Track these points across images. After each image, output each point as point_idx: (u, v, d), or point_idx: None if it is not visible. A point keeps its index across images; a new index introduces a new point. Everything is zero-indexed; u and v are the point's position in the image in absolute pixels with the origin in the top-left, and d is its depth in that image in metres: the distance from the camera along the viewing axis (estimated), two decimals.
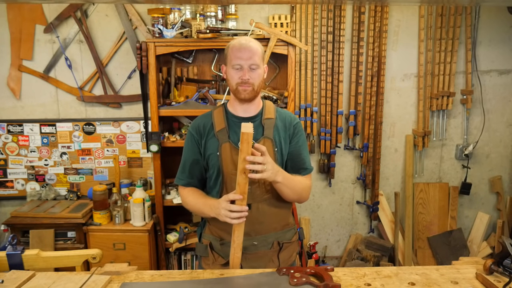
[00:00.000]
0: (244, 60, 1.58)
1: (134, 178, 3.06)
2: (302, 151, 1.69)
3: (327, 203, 3.27)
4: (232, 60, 1.60)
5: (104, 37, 2.92)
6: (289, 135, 1.68)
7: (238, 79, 1.59)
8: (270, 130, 1.64)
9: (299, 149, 1.68)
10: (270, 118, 1.66)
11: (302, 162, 1.69)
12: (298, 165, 1.68)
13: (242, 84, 1.59)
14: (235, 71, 1.60)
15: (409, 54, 3.04)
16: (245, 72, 1.58)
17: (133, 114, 3.02)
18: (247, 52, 1.58)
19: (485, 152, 3.21)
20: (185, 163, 1.69)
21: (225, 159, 1.61)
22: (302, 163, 1.69)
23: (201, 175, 1.70)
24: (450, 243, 3.19)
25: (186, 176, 1.69)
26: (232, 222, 1.44)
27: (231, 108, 1.69)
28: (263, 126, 1.65)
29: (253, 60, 1.58)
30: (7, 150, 3.03)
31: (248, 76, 1.58)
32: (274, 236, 1.67)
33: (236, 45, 1.61)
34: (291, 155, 1.68)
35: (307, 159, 1.71)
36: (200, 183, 1.71)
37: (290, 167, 1.68)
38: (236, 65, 1.59)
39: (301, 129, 1.72)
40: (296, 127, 1.69)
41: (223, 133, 1.63)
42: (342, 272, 1.45)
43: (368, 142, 3.07)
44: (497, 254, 1.39)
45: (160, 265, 2.87)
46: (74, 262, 1.68)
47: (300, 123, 1.72)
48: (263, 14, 2.93)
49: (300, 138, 1.70)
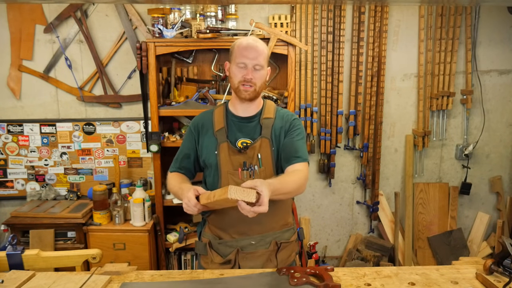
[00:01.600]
0: (249, 59, 1.58)
1: (134, 178, 3.06)
2: (295, 142, 1.63)
3: (327, 203, 3.27)
4: (237, 57, 1.60)
5: (104, 37, 2.92)
6: (285, 130, 1.66)
7: (241, 77, 1.59)
8: (268, 130, 1.64)
9: (292, 140, 1.63)
10: (268, 118, 1.67)
11: (294, 151, 1.61)
12: (291, 154, 1.61)
13: (244, 83, 1.59)
14: (239, 69, 1.60)
15: (409, 54, 3.04)
16: (249, 72, 1.58)
17: (133, 114, 3.02)
18: (253, 52, 1.59)
19: (485, 152, 3.21)
20: (179, 154, 1.77)
21: (223, 158, 1.62)
22: (294, 152, 1.61)
23: (189, 168, 1.75)
24: (450, 243, 3.18)
25: (176, 166, 1.76)
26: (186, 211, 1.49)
27: (232, 107, 1.70)
28: (261, 126, 1.65)
29: (258, 60, 1.59)
30: (7, 150, 3.03)
31: (252, 76, 1.58)
32: (272, 236, 1.67)
33: (243, 44, 1.61)
34: (284, 147, 1.63)
35: (301, 150, 1.63)
36: (187, 174, 1.76)
37: (283, 157, 1.63)
38: (241, 63, 1.59)
39: (299, 126, 1.68)
40: (292, 123, 1.67)
41: (222, 133, 1.65)
42: (342, 272, 1.45)
43: (368, 142, 3.07)
44: (497, 254, 1.39)
45: (160, 265, 2.87)
46: (74, 262, 1.68)
47: (298, 120, 1.70)
48: (263, 14, 2.93)
49: (296, 132, 1.66)
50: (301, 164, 1.60)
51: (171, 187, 1.71)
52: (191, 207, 1.46)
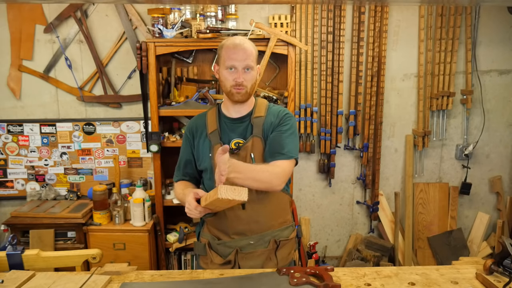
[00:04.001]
0: (238, 62, 1.55)
1: (134, 178, 3.06)
2: (282, 138, 1.59)
3: (327, 203, 3.27)
4: (226, 61, 1.57)
5: (104, 37, 2.92)
6: (274, 126, 1.62)
7: (232, 81, 1.57)
8: (259, 128, 1.63)
9: (280, 136, 1.59)
10: (259, 116, 1.65)
11: (280, 147, 1.57)
12: (275, 149, 1.57)
13: (236, 86, 1.57)
14: (229, 73, 1.57)
15: (409, 54, 3.04)
16: (240, 75, 1.55)
17: (133, 114, 3.02)
18: (241, 53, 1.55)
19: (485, 152, 3.21)
20: (180, 161, 1.78)
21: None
22: (279, 148, 1.57)
23: (193, 173, 1.76)
24: (450, 243, 3.18)
25: (180, 174, 1.78)
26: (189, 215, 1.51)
27: (224, 109, 1.70)
28: (252, 125, 1.64)
29: (247, 62, 1.56)
30: (7, 150, 3.03)
31: (243, 78, 1.56)
32: (271, 234, 1.66)
33: (230, 45, 1.57)
34: (270, 141, 1.59)
35: (288, 146, 1.57)
36: (192, 180, 1.78)
37: (268, 151, 1.59)
38: (230, 66, 1.56)
39: (289, 121, 1.63)
40: (283, 118, 1.63)
41: (215, 135, 1.64)
42: (342, 272, 1.45)
43: (368, 142, 3.07)
44: (497, 254, 1.39)
45: (160, 265, 2.87)
46: (74, 262, 1.68)
47: (290, 115, 1.65)
48: (263, 14, 2.93)
49: (286, 127, 1.61)
50: (283, 162, 1.55)
51: (177, 195, 1.74)
52: (192, 210, 1.47)
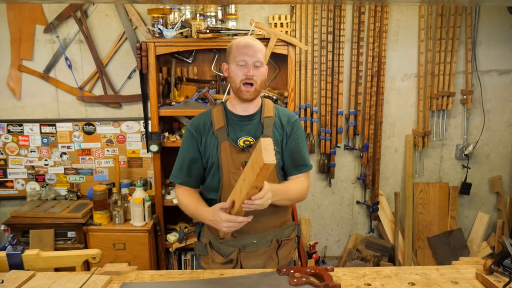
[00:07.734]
0: (249, 57, 1.58)
1: (134, 178, 3.06)
2: (302, 148, 1.70)
3: (327, 203, 3.27)
4: (237, 56, 1.60)
5: (104, 37, 2.92)
6: (287, 132, 1.69)
7: (242, 76, 1.59)
8: (270, 129, 1.65)
9: (298, 146, 1.69)
10: (269, 117, 1.67)
11: (302, 159, 1.70)
12: (299, 162, 1.69)
13: (246, 81, 1.59)
14: (239, 68, 1.60)
15: (409, 54, 3.04)
16: (250, 69, 1.58)
17: (133, 114, 3.02)
18: (252, 49, 1.59)
19: (485, 152, 3.21)
20: (183, 161, 1.68)
21: (224, 157, 1.61)
22: (302, 160, 1.70)
23: (198, 174, 1.69)
24: (450, 243, 3.18)
25: (183, 175, 1.67)
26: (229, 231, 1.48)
27: (230, 107, 1.70)
28: (263, 125, 1.65)
29: (258, 57, 1.60)
30: (7, 150, 3.03)
31: (253, 72, 1.58)
32: (273, 234, 1.67)
33: (241, 42, 1.62)
34: (291, 152, 1.69)
35: (307, 156, 1.73)
36: (197, 182, 1.70)
37: (291, 164, 1.69)
38: (241, 61, 1.59)
39: (300, 126, 1.73)
40: (294, 124, 1.70)
41: (223, 132, 1.64)
42: (342, 272, 1.45)
43: (368, 142, 3.07)
44: (497, 254, 1.39)
45: (160, 265, 2.87)
46: (74, 262, 1.68)
47: (298, 120, 1.74)
48: (263, 14, 2.93)
49: (299, 135, 1.71)
50: (307, 175, 1.72)
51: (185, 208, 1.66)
52: (236, 223, 1.42)
